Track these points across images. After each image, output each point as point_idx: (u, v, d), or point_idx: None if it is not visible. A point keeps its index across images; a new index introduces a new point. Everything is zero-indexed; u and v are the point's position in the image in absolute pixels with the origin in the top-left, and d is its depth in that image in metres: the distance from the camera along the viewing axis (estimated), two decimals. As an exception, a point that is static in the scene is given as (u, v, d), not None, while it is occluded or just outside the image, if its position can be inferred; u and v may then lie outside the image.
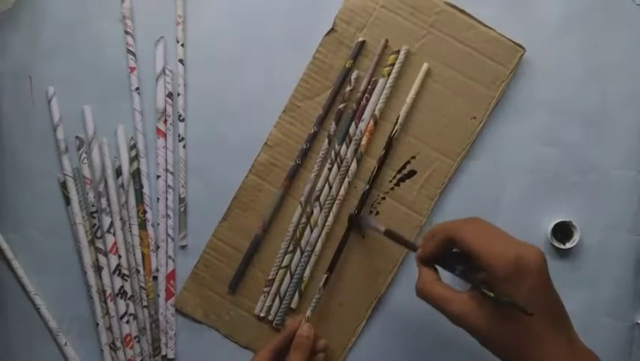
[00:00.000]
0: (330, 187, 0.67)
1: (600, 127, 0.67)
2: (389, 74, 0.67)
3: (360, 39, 0.67)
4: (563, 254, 0.66)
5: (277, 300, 0.67)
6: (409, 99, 0.66)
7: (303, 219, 0.67)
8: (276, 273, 0.67)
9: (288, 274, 0.67)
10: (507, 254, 0.45)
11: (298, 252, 0.67)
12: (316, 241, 0.67)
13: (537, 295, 0.45)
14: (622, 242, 0.67)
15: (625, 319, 0.67)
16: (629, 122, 0.67)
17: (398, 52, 0.67)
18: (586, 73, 0.68)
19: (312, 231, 0.67)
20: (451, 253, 0.51)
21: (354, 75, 0.67)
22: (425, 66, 0.67)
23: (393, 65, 0.67)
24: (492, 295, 0.45)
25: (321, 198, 0.67)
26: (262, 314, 0.67)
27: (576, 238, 0.65)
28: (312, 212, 0.67)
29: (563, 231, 0.66)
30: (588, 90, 0.68)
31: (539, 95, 0.67)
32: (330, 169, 0.67)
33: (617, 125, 0.67)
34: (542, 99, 0.67)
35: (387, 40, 0.67)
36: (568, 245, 0.66)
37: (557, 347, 0.45)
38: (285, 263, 0.67)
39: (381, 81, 0.67)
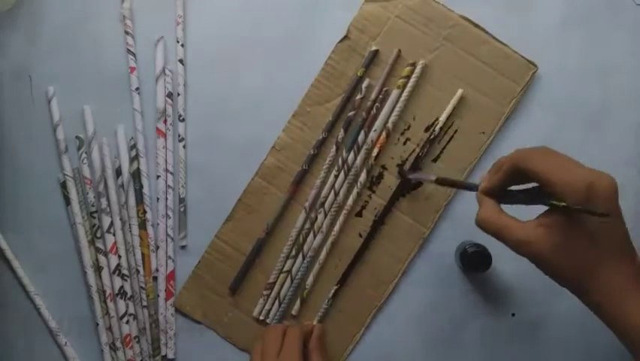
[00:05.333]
0: (336, 194, 0.67)
1: (601, 127, 0.67)
2: (404, 86, 0.66)
3: (374, 48, 0.66)
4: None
5: (276, 304, 0.67)
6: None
7: (307, 225, 0.67)
8: (277, 277, 0.67)
9: (289, 279, 0.67)
10: (578, 181, 0.44)
11: (300, 257, 0.67)
12: (319, 247, 0.67)
13: (606, 223, 0.45)
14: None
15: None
16: (629, 122, 0.67)
17: (414, 64, 0.66)
18: (586, 73, 0.67)
19: (315, 237, 0.67)
20: (510, 190, 0.51)
21: (365, 84, 0.66)
22: (459, 92, 0.66)
23: (407, 77, 0.66)
24: (564, 204, 0.44)
25: (326, 205, 0.67)
26: (261, 317, 0.67)
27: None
28: (316, 218, 0.67)
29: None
30: (588, 90, 0.67)
31: (540, 95, 0.67)
32: (336, 176, 0.67)
33: (617, 125, 0.67)
34: (542, 99, 0.67)
35: (399, 51, 0.66)
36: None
37: (620, 273, 0.45)
38: (286, 268, 0.67)
39: (395, 92, 0.66)
